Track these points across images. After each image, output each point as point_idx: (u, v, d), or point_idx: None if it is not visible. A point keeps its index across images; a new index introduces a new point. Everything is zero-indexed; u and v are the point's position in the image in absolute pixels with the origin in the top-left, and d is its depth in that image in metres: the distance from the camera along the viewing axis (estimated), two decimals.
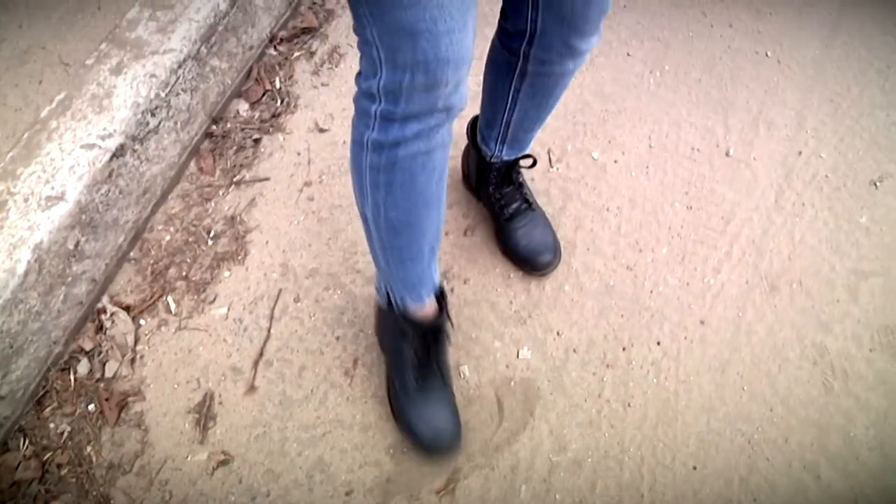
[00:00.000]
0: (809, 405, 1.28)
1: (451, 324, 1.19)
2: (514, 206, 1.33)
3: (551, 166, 1.51)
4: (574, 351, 1.31)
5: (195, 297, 1.33)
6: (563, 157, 1.53)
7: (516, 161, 1.29)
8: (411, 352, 1.12)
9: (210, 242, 1.38)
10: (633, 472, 1.20)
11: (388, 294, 1.09)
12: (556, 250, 1.36)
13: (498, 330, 1.32)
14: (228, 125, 1.48)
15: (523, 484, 1.18)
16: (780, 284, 1.40)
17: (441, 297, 1.11)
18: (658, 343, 1.32)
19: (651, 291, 1.38)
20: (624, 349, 1.32)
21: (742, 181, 1.52)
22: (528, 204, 1.35)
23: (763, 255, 1.43)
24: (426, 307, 1.09)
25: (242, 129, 1.48)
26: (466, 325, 1.32)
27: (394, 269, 1.02)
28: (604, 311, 1.35)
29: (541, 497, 1.17)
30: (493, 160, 1.28)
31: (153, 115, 1.39)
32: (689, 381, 1.29)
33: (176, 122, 1.44)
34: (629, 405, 1.26)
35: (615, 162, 1.53)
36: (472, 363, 1.29)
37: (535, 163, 1.29)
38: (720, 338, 1.33)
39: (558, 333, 1.32)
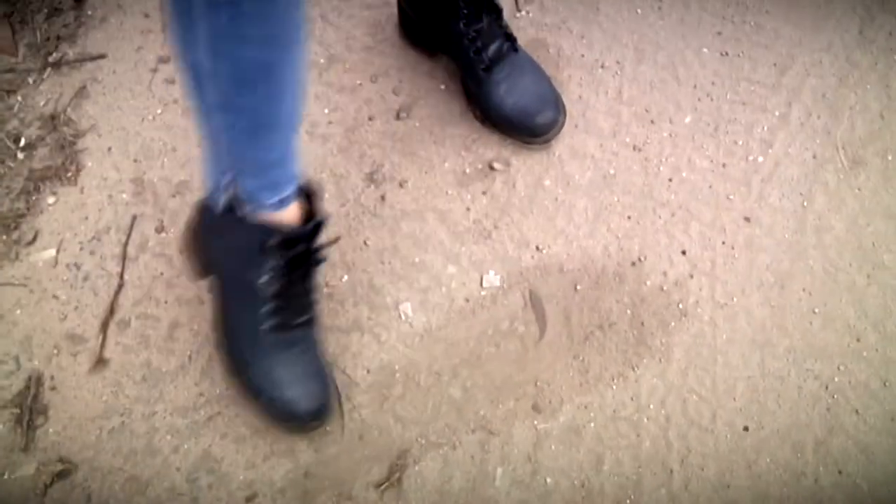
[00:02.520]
0: None
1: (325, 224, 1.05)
2: (495, 46, 1.21)
3: (518, 10, 1.35)
4: (561, 271, 1.19)
5: (4, 237, 1.18)
6: None
7: None
8: (268, 276, 0.99)
9: (20, 155, 1.22)
10: (657, 440, 1.10)
11: (230, 190, 0.95)
12: (557, 103, 1.24)
13: (451, 249, 1.21)
14: None
15: (499, 466, 1.09)
16: (866, 156, 1.27)
17: (309, 195, 0.99)
18: (683, 253, 1.20)
19: (670, 180, 1.25)
20: (633, 264, 1.19)
21: (805, 7, 1.35)
22: (512, 43, 1.23)
23: (839, 116, 1.29)
24: (290, 209, 0.96)
25: None
26: (406, 247, 1.20)
27: (244, 148, 0.86)
28: (602, 212, 1.23)
29: (524, 483, 1.07)
30: None
31: None
32: (733, 306, 1.18)
33: None
34: (645, 344, 1.15)
35: None
36: (416, 299, 1.18)
37: None
38: (776, 240, 1.22)
39: (538, 248, 1.20)
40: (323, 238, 1.00)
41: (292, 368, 1.05)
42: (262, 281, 0.99)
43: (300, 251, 0.98)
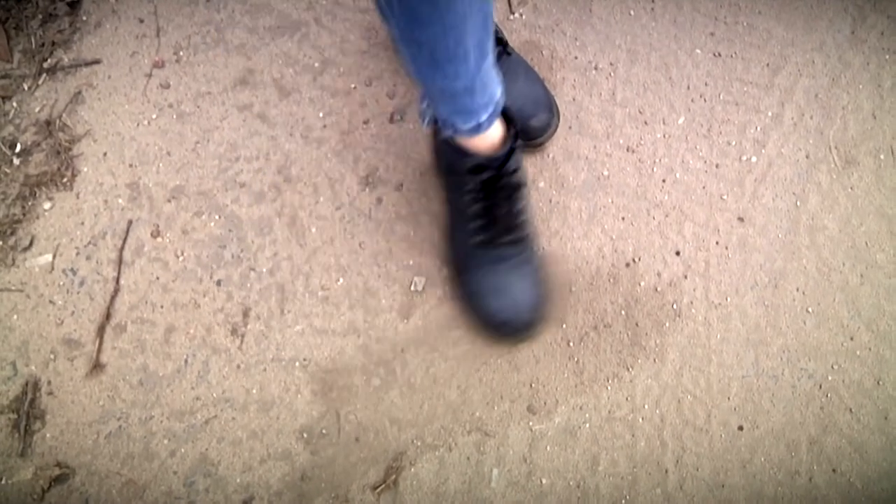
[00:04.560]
0: None
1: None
2: None
3: (512, 12, 1.31)
4: (556, 272, 1.17)
5: (1, 242, 1.17)
6: None
7: None
8: (470, 197, 1.06)
9: (16, 161, 1.21)
10: (652, 440, 1.10)
11: (429, 115, 1.01)
12: (551, 106, 1.23)
13: None
14: None
15: (495, 467, 1.09)
16: (858, 156, 1.24)
17: (509, 122, 1.01)
18: (677, 253, 1.18)
19: (664, 181, 1.22)
20: (628, 265, 1.17)
21: (797, 7, 1.33)
22: (504, 47, 1.21)
23: (832, 116, 1.26)
24: (488, 135, 0.98)
25: None
26: (401, 248, 1.18)
27: (429, 78, 0.89)
28: (596, 214, 1.21)
29: (520, 483, 1.08)
30: None
31: None
32: (726, 305, 1.16)
33: None
34: (640, 344, 1.14)
35: None
36: (411, 301, 1.16)
37: None
38: (769, 240, 1.20)
39: None
40: (517, 164, 1.01)
41: (500, 281, 1.09)
42: (466, 200, 1.05)
43: (490, 176, 1.01)
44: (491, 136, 0.98)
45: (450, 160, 1.03)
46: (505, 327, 1.09)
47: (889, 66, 1.29)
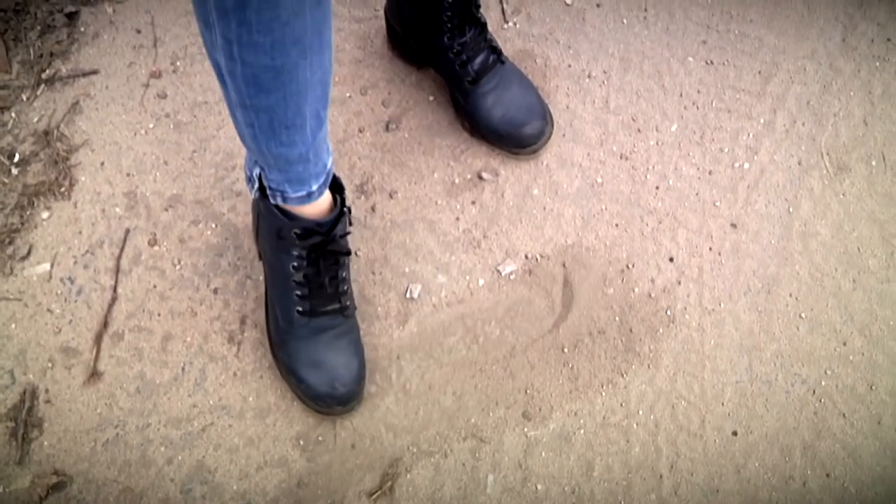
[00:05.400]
0: None
1: (351, 222, 1.11)
2: (481, 58, 1.20)
3: (506, 21, 1.33)
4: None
5: None
6: (523, 5, 1.35)
7: None
8: (295, 263, 1.04)
9: (14, 171, 1.21)
10: (646, 445, 1.10)
11: (261, 182, 0.98)
12: (544, 114, 1.23)
13: (441, 259, 1.19)
14: None
15: (490, 473, 1.08)
16: (850, 162, 1.25)
17: (338, 190, 1.02)
18: (671, 259, 1.19)
19: (657, 188, 1.23)
20: (622, 271, 1.18)
21: (789, 15, 1.35)
22: (498, 55, 1.22)
23: (823, 123, 1.27)
24: (317, 203, 0.98)
25: (48, 0, 1.29)
26: (396, 256, 1.19)
27: (265, 145, 0.88)
28: (590, 220, 1.21)
29: (516, 489, 1.07)
30: None
31: None
32: (720, 311, 1.17)
33: None
34: (634, 350, 1.14)
35: (598, 6, 1.36)
36: (406, 308, 1.16)
37: None
38: (762, 246, 1.21)
39: (526, 257, 1.19)
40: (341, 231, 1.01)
41: (322, 353, 1.07)
42: (291, 267, 1.03)
43: (317, 242, 1.00)
44: (320, 204, 0.99)
45: (277, 226, 1.02)
46: (322, 401, 1.08)
47: (879, 72, 1.30)
